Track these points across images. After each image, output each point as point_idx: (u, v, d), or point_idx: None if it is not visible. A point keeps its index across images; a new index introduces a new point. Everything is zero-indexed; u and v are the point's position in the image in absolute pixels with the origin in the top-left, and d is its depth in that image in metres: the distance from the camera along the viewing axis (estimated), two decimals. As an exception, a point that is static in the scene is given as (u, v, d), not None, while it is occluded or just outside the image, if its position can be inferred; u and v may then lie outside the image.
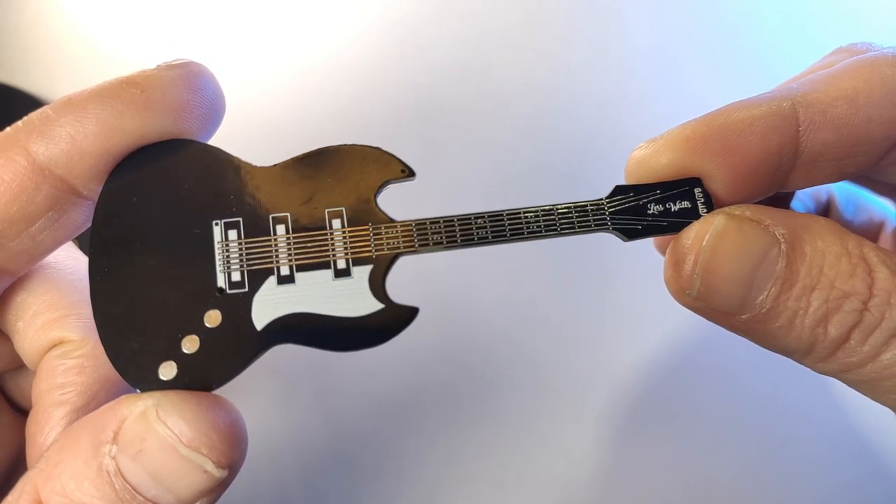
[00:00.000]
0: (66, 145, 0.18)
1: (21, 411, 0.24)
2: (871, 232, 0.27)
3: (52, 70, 0.42)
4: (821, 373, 0.19)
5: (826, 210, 0.27)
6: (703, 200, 0.20)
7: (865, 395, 0.19)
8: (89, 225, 0.21)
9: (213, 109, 0.20)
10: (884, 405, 0.19)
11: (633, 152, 0.21)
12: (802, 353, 0.19)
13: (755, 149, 0.19)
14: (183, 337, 0.18)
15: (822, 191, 0.27)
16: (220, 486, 0.18)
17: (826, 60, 0.23)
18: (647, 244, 0.25)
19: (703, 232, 0.19)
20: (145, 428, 0.17)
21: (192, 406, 0.18)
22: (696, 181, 0.20)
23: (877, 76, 0.19)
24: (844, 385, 0.19)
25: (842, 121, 0.19)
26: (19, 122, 0.19)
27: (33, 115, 0.19)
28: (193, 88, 0.19)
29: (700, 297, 0.19)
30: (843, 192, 0.27)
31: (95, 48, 0.42)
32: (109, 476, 0.17)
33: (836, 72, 0.20)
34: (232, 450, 0.18)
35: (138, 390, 0.18)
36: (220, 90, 0.20)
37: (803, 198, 0.27)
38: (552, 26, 0.43)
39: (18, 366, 0.24)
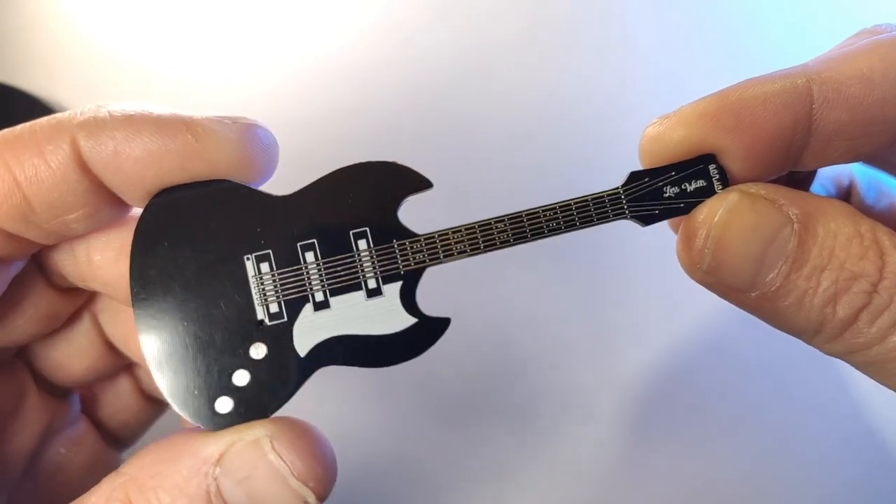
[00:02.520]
0: (109, 156, 0.19)
1: (47, 388, 0.25)
2: (892, 217, 0.26)
3: (52, 70, 0.41)
4: (828, 353, 0.19)
5: (847, 194, 0.27)
6: (717, 177, 0.20)
7: (872, 377, 0.19)
8: (120, 220, 0.21)
9: (260, 173, 0.20)
10: (889, 388, 0.19)
11: (647, 128, 0.21)
12: (811, 334, 0.19)
13: (769, 125, 0.19)
14: (233, 372, 0.19)
15: (844, 175, 0.27)
16: None
17: (849, 41, 0.22)
18: (660, 245, 0.24)
19: (717, 207, 0.19)
20: (257, 456, 0.18)
21: (304, 440, 0.19)
22: (710, 157, 0.20)
23: (894, 55, 0.19)
24: (850, 385, 0.19)
25: (856, 99, 0.19)
26: (75, 112, 0.19)
27: (90, 111, 0.19)
28: (247, 153, 0.20)
29: (710, 272, 0.19)
30: (865, 176, 0.26)
31: (95, 48, 0.42)
32: (209, 496, 0.18)
33: (854, 50, 0.20)
34: (332, 484, 0.19)
35: (200, 426, 0.19)
36: (276, 153, 0.21)
37: (824, 182, 0.26)
38: (556, 28, 0.43)
39: (51, 330, 0.24)
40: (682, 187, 0.20)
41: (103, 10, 0.43)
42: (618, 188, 0.20)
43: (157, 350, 0.19)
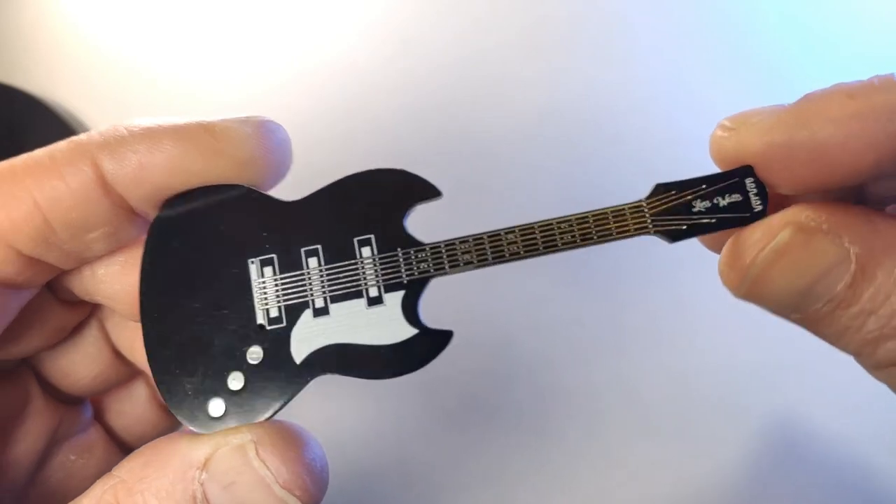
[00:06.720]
0: (133, 170, 0.19)
1: (55, 394, 0.24)
2: None
3: (52, 70, 0.42)
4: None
5: None
6: (755, 192, 0.19)
7: None
8: (139, 239, 0.21)
9: (277, 168, 0.20)
10: None
11: (714, 134, 0.19)
12: (848, 352, 0.18)
13: (844, 168, 0.17)
14: (228, 374, 0.19)
15: None
16: None
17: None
18: (669, 248, 0.23)
19: (763, 244, 0.18)
20: (242, 462, 0.18)
21: (290, 447, 0.18)
22: (748, 170, 0.19)
23: None
24: (863, 383, 0.19)
25: None
26: (94, 133, 0.19)
27: (108, 131, 0.19)
28: (264, 146, 0.20)
29: (750, 296, 0.18)
30: None
31: (95, 48, 0.42)
32: (195, 500, 0.18)
33: None
34: (320, 493, 0.18)
35: (192, 428, 0.19)
36: (290, 149, 0.21)
37: None
38: (561, 29, 0.43)
39: (58, 341, 0.24)
40: (714, 202, 0.19)
41: (104, 10, 0.43)
42: (641, 201, 0.19)
43: (158, 351, 0.19)
